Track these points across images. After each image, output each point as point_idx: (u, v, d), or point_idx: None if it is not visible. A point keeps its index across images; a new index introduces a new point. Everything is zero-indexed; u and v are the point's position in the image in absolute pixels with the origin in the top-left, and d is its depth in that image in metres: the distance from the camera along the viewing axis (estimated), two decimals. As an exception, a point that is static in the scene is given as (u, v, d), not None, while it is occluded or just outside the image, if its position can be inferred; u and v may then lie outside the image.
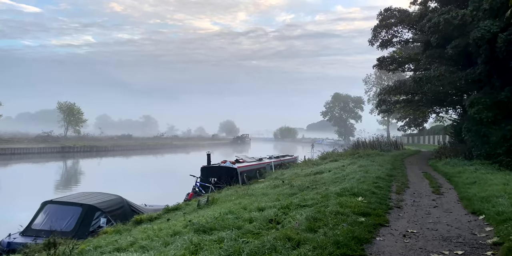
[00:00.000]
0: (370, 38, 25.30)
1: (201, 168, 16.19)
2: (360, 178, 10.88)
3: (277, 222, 5.96)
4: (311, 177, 14.44)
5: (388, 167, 15.56)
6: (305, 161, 24.93)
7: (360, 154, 22.63)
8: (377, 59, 26.36)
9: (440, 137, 47.41)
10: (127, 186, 23.31)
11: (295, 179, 14.50)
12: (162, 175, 30.98)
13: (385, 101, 26.10)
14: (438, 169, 15.96)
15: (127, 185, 23.45)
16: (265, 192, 9.85)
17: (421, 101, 26.60)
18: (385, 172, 13.30)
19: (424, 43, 25.03)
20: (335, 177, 12.59)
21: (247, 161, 18.31)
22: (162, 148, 74.15)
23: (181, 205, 10.03)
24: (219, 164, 16.41)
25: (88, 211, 8.41)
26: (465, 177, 11.61)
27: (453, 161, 18.04)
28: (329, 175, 13.66)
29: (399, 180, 11.94)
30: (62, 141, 59.68)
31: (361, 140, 32.13)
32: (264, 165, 19.64)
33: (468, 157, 19.11)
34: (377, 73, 76.84)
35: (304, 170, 18.36)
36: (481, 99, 18.07)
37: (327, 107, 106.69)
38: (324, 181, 11.85)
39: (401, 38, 25.63)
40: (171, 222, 6.93)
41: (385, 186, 9.74)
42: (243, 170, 16.31)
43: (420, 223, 6.10)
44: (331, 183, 10.73)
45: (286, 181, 11.73)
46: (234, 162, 16.73)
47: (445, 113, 33.54)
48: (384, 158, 20.46)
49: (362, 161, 18.67)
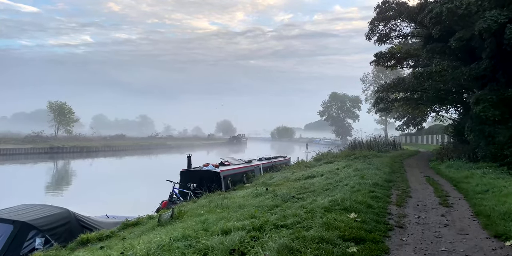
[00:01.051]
0: (367, 32, 23.86)
1: (180, 172, 14.68)
2: (354, 186, 9.43)
3: (241, 253, 4.48)
4: (301, 182, 12.98)
5: (387, 171, 14.12)
6: (298, 162, 23.44)
7: (356, 156, 21.19)
8: (375, 55, 24.91)
9: (439, 136, 46.21)
10: (101, 191, 21.77)
11: (282, 184, 13.04)
12: (145, 178, 28.73)
13: (383, 99, 24.66)
14: (442, 173, 14.53)
15: (102, 190, 21.89)
16: (242, 203, 8.37)
17: (421, 99, 25.16)
18: (383, 177, 11.86)
19: (424, 37, 23.60)
20: (326, 183, 11.13)
21: (233, 164, 16.82)
22: (155, 149, 72.56)
23: (142, 220, 8.53)
24: (200, 167, 14.89)
25: (21, 230, 6.89)
26: (475, 184, 10.17)
27: (457, 163, 16.62)
28: (321, 180, 12.20)
29: (399, 186, 10.50)
30: (51, 141, 57.99)
31: (358, 141, 30.67)
32: (253, 167, 18.15)
33: (472, 158, 17.71)
34: (374, 72, 75.48)
35: (296, 173, 16.90)
36: (487, 96, 16.67)
37: (324, 106, 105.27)
38: (314, 188, 10.38)
39: (399, 32, 24.19)
40: (106, 251, 5.41)
41: (383, 196, 8.28)
42: (227, 174, 14.80)
43: (430, 253, 4.63)
44: (321, 192, 9.27)
45: (271, 189, 10.25)
46: (217, 165, 15.21)
47: (445, 112, 32.19)
48: (382, 160, 19.03)
49: (358, 163, 17.23)
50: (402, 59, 25.71)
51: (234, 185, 14.89)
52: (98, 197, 17.01)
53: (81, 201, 15.26)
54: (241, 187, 14.60)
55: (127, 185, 24.73)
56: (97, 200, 12.38)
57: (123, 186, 24.29)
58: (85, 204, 13.98)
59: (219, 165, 15.83)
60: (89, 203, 14.13)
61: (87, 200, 10.64)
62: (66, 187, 26.02)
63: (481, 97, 16.59)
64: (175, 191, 13.23)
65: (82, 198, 14.37)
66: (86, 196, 17.47)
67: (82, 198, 14.37)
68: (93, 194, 18.23)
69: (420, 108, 30.93)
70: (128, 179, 28.96)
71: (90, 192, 20.61)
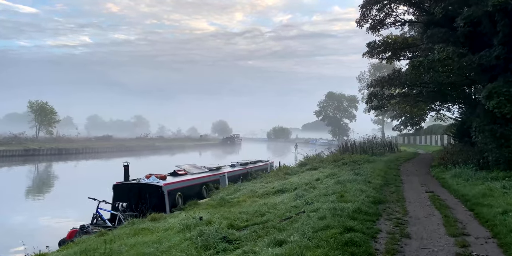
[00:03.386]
0: (358, 18, 20.73)
1: (113, 185, 11.48)
2: (325, 215, 6.31)
3: None
4: (264, 200, 9.88)
5: (378, 184, 11.00)
6: (280, 168, 20.34)
7: (345, 161, 18.06)
8: (367, 44, 21.79)
9: (438, 137, 43.44)
10: (26, 203, 18.22)
11: (240, 203, 9.93)
12: (79, 189, 20.54)
13: (377, 96, 21.48)
14: (448, 186, 11.41)
15: (26, 203, 18.31)
16: (140, 251, 5.23)
17: (420, 95, 22.05)
18: (372, 194, 8.73)
19: (424, 24, 20.51)
20: (291, 207, 8.02)
21: (190, 173, 13.62)
22: (142, 150, 69.09)
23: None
24: (139, 180, 11.68)
25: None
26: (501, 209, 7.04)
27: (465, 172, 13.50)
28: (288, 199, 9.07)
29: (392, 212, 7.38)
30: (28, 143, 54.56)
31: (350, 142, 27.53)
32: (218, 176, 14.96)
33: (483, 165, 14.64)
34: (371, 70, 72.49)
35: (269, 184, 13.81)
36: (501, 88, 13.60)
37: (321, 106, 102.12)
38: (270, 216, 7.26)
39: (396, 18, 21.06)
40: None
41: (364, 239, 5.14)
42: (173, 188, 11.59)
43: None
44: (274, 226, 6.14)
45: (206, 218, 7.10)
46: (164, 176, 11.99)
47: (447, 110, 29.09)
48: (375, 167, 15.92)
49: (344, 172, 14.12)
50: (398, 50, 22.59)
51: (186, 201, 11.71)
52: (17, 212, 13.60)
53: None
54: (193, 203, 11.46)
55: (45, 201, 19.85)
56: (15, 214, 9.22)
57: (37, 202, 19.53)
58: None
59: (169, 176, 12.64)
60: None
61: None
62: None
63: (495, 90, 13.50)
64: (99, 212, 10.04)
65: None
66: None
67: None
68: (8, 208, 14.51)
69: (419, 106, 27.86)
70: (54, 191, 23.93)
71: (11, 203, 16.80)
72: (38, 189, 24.86)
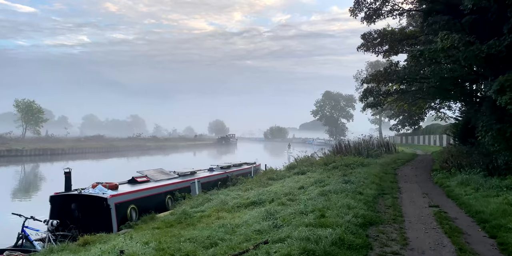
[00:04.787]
0: (352, 6, 18.81)
1: (50, 197, 9.49)
2: (290, 254, 4.38)
3: None
4: (228, 217, 7.95)
5: (370, 195, 9.07)
6: (265, 172, 18.42)
7: (336, 164, 16.12)
8: (362, 36, 19.87)
9: (437, 137, 41.72)
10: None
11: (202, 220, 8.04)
12: (39, 197, 18.41)
13: (373, 92, 19.55)
14: (456, 197, 9.48)
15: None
16: None
17: (419, 92, 20.15)
18: (361, 213, 6.80)
19: (424, 13, 18.64)
20: (253, 232, 6.07)
21: (153, 180, 11.61)
22: (133, 150, 66.98)
23: None
24: (81, 190, 9.64)
25: None
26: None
27: (473, 179, 11.61)
28: (254, 219, 7.11)
29: (386, 242, 5.44)
30: (12, 143, 52.43)
31: (344, 143, 25.59)
32: (188, 183, 12.97)
33: (493, 170, 12.73)
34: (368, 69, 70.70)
35: (245, 192, 11.87)
36: (515, 81, 11.70)
37: (318, 106, 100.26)
38: (220, 248, 5.32)
39: (393, 6, 19.15)
40: None
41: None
42: (124, 200, 9.55)
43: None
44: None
45: (130, 252, 5.14)
46: (114, 185, 9.98)
47: (448, 108, 27.23)
48: (369, 171, 13.98)
49: (333, 178, 12.19)
50: (396, 43, 20.66)
51: (141, 215, 9.74)
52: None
53: None
54: (149, 219, 9.49)
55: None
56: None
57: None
58: None
59: (124, 184, 10.65)
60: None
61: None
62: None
63: (508, 83, 11.59)
64: (25, 231, 8.06)
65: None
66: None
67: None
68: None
69: (418, 104, 26.02)
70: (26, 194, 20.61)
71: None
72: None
